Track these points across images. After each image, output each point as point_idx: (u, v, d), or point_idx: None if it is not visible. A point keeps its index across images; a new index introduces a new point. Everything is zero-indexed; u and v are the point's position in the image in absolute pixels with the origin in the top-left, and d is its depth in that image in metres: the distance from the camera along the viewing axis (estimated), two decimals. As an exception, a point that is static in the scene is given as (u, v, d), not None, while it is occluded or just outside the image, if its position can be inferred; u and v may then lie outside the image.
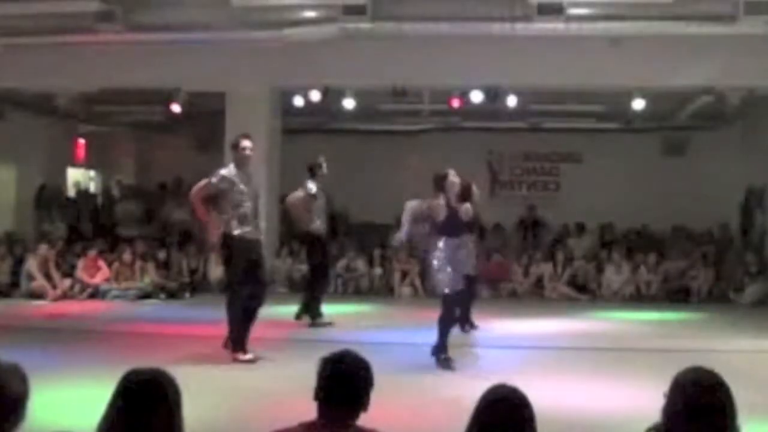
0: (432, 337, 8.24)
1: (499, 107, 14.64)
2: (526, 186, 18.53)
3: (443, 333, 7.98)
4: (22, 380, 2.73)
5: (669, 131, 17.37)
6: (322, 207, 10.53)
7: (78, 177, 18.77)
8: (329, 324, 10.34)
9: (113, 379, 2.79)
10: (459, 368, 7.84)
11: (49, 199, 16.67)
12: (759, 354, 8.85)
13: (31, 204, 16.55)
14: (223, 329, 8.36)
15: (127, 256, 13.78)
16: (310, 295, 10.61)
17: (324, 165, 10.44)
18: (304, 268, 14.73)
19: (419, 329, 10.05)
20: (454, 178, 8.11)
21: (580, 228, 16.40)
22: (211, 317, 11.48)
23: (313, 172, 10.40)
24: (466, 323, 10.00)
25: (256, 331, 8.53)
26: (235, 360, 7.99)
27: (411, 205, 8.24)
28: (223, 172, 8.23)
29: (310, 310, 10.49)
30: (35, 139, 16.54)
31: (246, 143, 8.36)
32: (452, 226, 7.99)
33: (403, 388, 6.73)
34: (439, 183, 8.06)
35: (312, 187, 10.35)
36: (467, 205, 8.25)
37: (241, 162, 8.32)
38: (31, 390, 2.76)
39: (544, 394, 6.28)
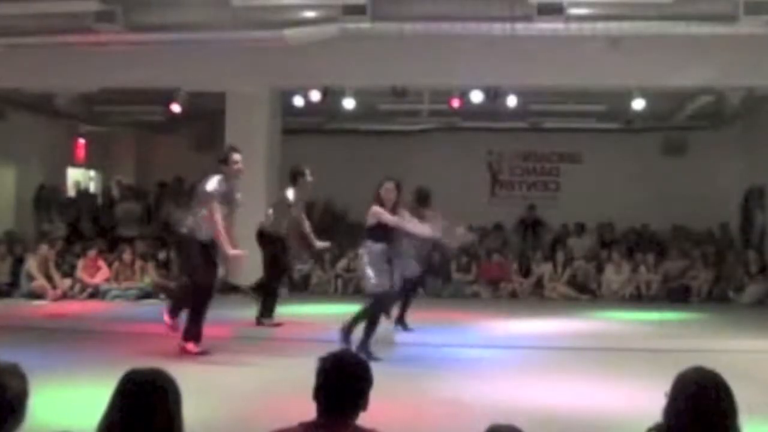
0: (433, 336, 8.27)
1: (499, 107, 14.63)
2: (526, 186, 18.53)
3: (369, 330, 8.14)
4: (22, 380, 2.73)
5: (669, 131, 17.38)
6: (294, 215, 10.27)
7: (78, 177, 18.77)
8: (278, 325, 10.17)
9: (113, 379, 2.79)
10: (459, 368, 7.84)
11: (48, 199, 16.67)
12: (759, 354, 8.84)
13: (31, 204, 16.55)
14: (222, 329, 8.37)
15: (127, 256, 13.78)
16: (265, 293, 10.42)
17: (308, 174, 10.11)
18: (305, 268, 14.77)
19: (419, 329, 10.06)
20: (386, 194, 8.30)
21: (580, 228, 16.40)
22: (211, 317, 11.51)
23: (295, 180, 10.11)
24: (400, 323, 9.96)
25: (257, 330, 8.55)
26: (187, 352, 8.10)
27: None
28: (212, 188, 8.16)
29: (264, 308, 10.30)
30: (35, 139, 16.54)
31: (237, 157, 8.30)
32: (382, 231, 8.20)
33: (403, 388, 6.73)
34: (376, 193, 8.32)
35: (290, 195, 10.09)
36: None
37: (232, 176, 8.27)
38: (31, 390, 2.76)
39: (544, 394, 6.31)
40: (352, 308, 12.69)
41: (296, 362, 7.77)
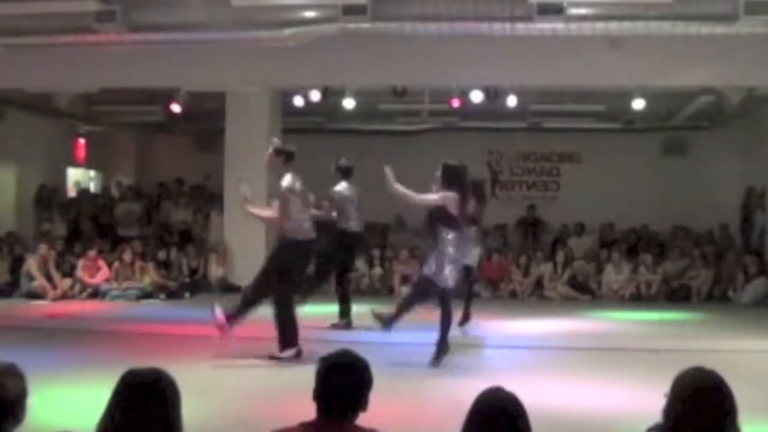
0: (433, 336, 8.26)
1: (499, 107, 14.63)
2: (526, 186, 18.53)
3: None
4: (20, 380, 2.73)
5: (669, 131, 17.38)
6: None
7: (78, 177, 18.77)
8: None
9: (113, 379, 2.79)
10: (459, 368, 7.84)
11: (49, 199, 16.68)
12: (759, 354, 8.85)
13: (31, 204, 16.55)
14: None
15: (127, 256, 13.77)
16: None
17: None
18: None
19: (419, 329, 10.06)
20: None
21: (580, 228, 16.40)
22: (211, 317, 11.50)
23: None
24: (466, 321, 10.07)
25: (256, 331, 8.54)
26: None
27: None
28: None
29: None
30: (35, 139, 16.53)
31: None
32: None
33: (403, 388, 6.73)
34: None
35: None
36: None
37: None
38: (31, 390, 2.76)
39: (544, 394, 6.31)
40: (351, 308, 12.70)
41: (297, 362, 7.80)
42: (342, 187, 10.39)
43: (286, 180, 8.27)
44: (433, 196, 8.14)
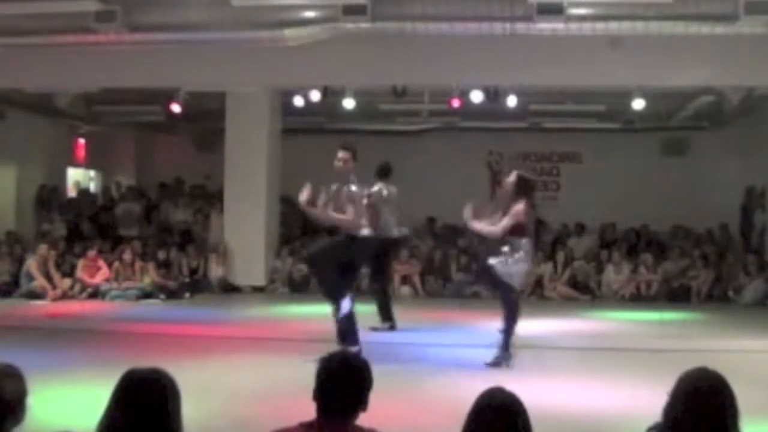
0: (433, 336, 8.26)
1: (499, 107, 14.63)
2: (526, 186, 18.50)
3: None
4: (19, 380, 2.73)
5: (669, 131, 17.39)
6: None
7: (78, 177, 18.78)
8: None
9: (113, 379, 2.80)
10: (459, 368, 7.84)
11: (49, 199, 16.68)
12: (759, 354, 8.85)
13: (31, 204, 16.54)
14: (221, 329, 8.36)
15: (127, 256, 13.76)
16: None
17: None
18: (305, 268, 14.74)
19: (419, 329, 10.08)
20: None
21: (580, 228, 16.40)
22: (211, 317, 11.53)
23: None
24: None
25: (256, 331, 8.55)
26: None
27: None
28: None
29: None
30: (35, 139, 16.53)
31: (338, 154, 8.19)
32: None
33: (403, 388, 6.74)
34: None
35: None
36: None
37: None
38: (31, 390, 2.76)
39: (544, 394, 6.31)
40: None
41: (296, 362, 7.80)
42: (378, 187, 10.10)
43: (357, 185, 8.14)
44: (505, 222, 8.02)
